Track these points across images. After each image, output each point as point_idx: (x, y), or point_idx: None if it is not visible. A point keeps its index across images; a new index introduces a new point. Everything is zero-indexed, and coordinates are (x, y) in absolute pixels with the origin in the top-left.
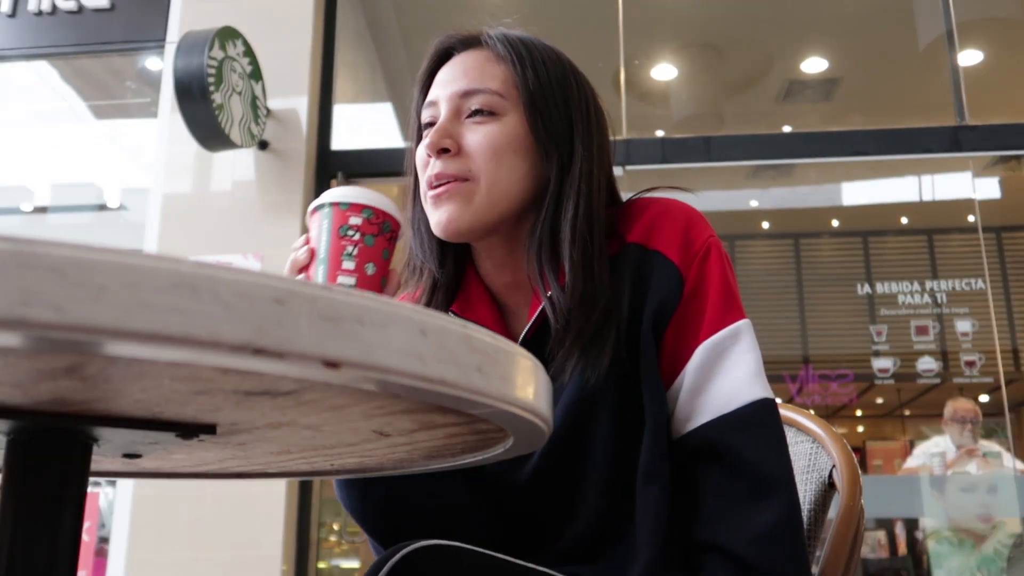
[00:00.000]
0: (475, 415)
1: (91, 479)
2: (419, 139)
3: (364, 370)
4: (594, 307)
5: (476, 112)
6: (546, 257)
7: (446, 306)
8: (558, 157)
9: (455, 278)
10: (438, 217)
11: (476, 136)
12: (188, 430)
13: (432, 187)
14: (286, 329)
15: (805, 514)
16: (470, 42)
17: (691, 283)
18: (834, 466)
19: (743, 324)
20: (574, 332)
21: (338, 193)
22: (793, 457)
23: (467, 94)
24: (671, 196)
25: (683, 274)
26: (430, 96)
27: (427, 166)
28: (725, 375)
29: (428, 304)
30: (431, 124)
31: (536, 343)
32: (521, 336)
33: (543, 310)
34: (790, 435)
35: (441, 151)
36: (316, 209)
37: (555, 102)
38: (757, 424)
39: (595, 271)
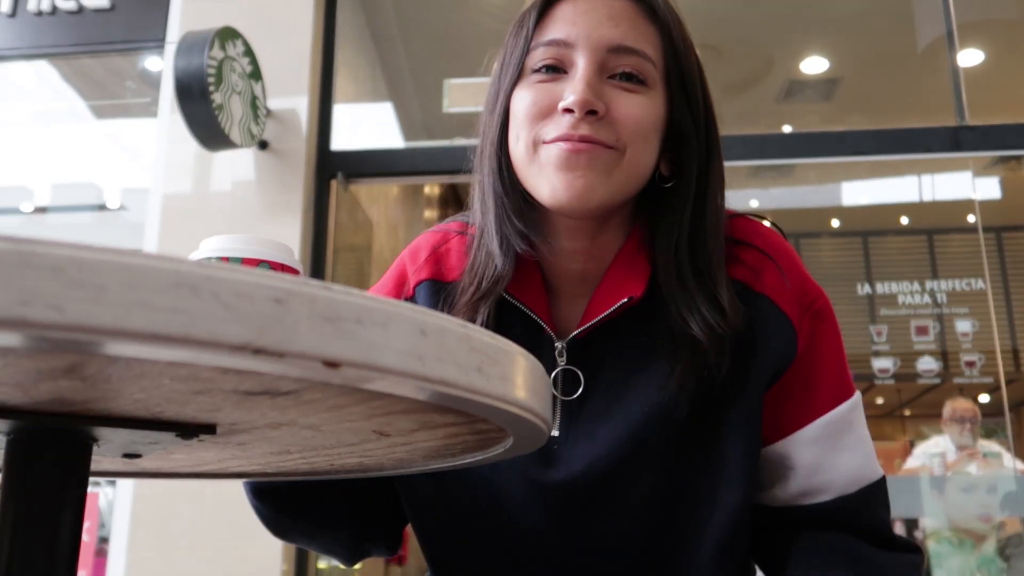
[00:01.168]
0: (475, 415)
1: (91, 479)
2: (517, 78)
3: (364, 370)
4: (719, 334)
5: (626, 76)
6: (683, 257)
7: (503, 285)
8: (697, 151)
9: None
10: (571, 181)
11: (628, 106)
12: (188, 430)
13: (570, 146)
14: (286, 329)
15: None
16: None
17: (804, 342)
18: None
19: (857, 398)
20: (689, 354)
21: (225, 245)
22: None
23: (619, 50)
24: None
25: (796, 330)
26: (557, 32)
27: (549, 119)
28: (852, 451)
29: (482, 285)
30: (553, 68)
31: (585, 345)
32: (588, 324)
33: (632, 300)
34: None
35: (589, 112)
36: None
37: (696, 89)
38: (883, 499)
39: (721, 281)
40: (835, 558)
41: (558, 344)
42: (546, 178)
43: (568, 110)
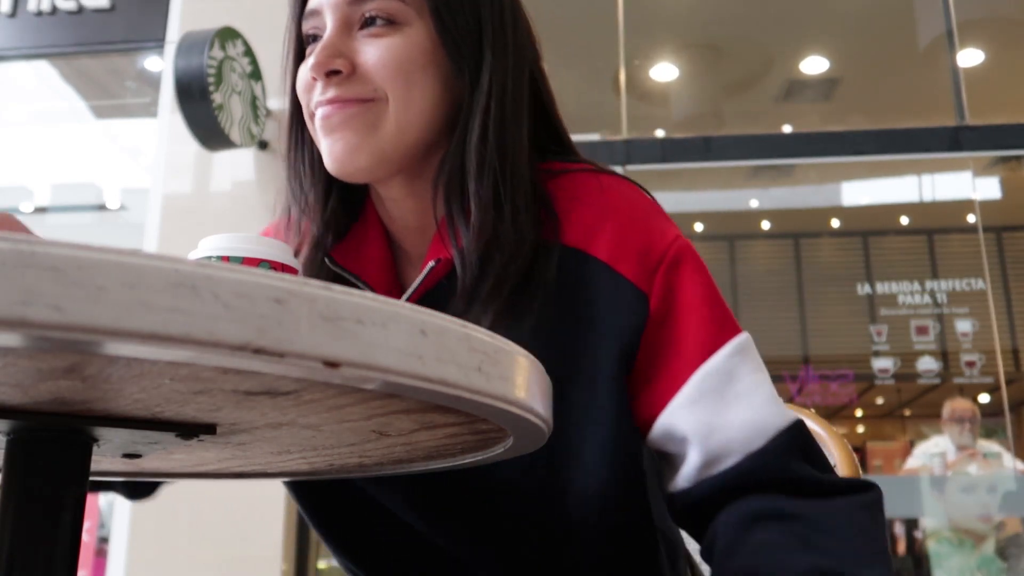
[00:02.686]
0: (475, 415)
1: (91, 479)
2: (298, 58)
3: (364, 370)
4: (510, 255)
5: (371, 21)
6: (453, 195)
7: (325, 252)
8: (468, 72)
9: (344, 220)
10: (332, 148)
11: (375, 51)
12: (188, 430)
13: (324, 111)
14: (286, 329)
15: None
16: None
17: (657, 304)
18: (834, 465)
19: (742, 339)
20: (487, 287)
21: (225, 244)
22: None
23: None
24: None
25: (644, 292)
26: (310, 4)
27: (311, 91)
28: (744, 402)
29: (301, 251)
30: (315, 38)
31: (434, 301)
32: (408, 292)
33: (440, 262)
34: None
35: (331, 73)
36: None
37: (463, 3)
38: (803, 445)
39: (508, 211)
40: (758, 524)
41: None
42: (323, 149)
43: (315, 78)
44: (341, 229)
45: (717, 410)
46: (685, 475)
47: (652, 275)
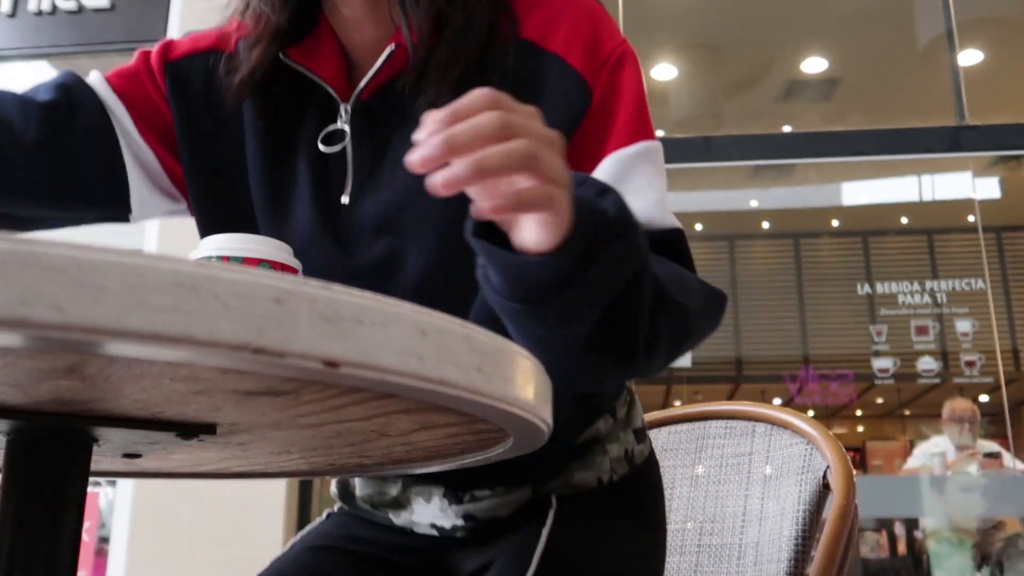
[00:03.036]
0: (475, 415)
1: (91, 479)
2: None
3: (364, 370)
4: (459, 34)
5: None
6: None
7: (278, 50)
8: None
9: (298, 25)
10: None
11: None
12: (188, 430)
13: None
14: (286, 329)
15: (800, 515)
16: None
17: (599, 95)
18: (828, 467)
19: (655, 145)
20: (437, 60)
21: (225, 244)
22: (787, 459)
23: None
24: None
25: (589, 84)
26: None
27: None
28: (635, 196)
29: (256, 47)
30: None
31: (387, 93)
32: (364, 81)
33: (398, 47)
34: (784, 438)
35: None
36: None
37: None
38: (681, 250)
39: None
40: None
41: (343, 106)
42: None
43: None
44: (296, 32)
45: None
46: None
47: (598, 71)
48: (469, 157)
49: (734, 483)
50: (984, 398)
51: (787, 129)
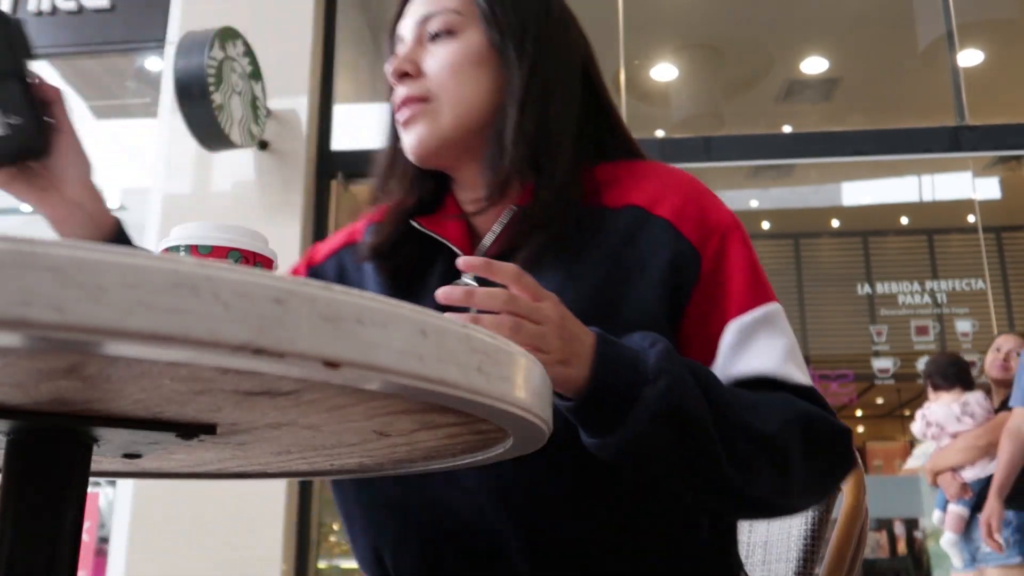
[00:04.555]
0: (475, 415)
1: (91, 479)
2: None
3: (364, 370)
4: (564, 203)
5: (437, 35)
6: (497, 157)
7: (409, 215)
8: (515, 65)
9: (431, 202)
10: (408, 141)
11: (434, 57)
12: (188, 430)
13: (398, 112)
14: (286, 329)
15: (809, 514)
16: None
17: (709, 262)
18: None
19: (775, 308)
20: (547, 228)
21: (195, 233)
22: None
23: (426, 19)
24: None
25: (699, 251)
26: (397, 32)
27: (393, 95)
28: (759, 355)
29: (389, 221)
30: None
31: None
32: (487, 240)
33: (517, 210)
34: None
35: (402, 76)
36: (167, 251)
37: (509, 6)
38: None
39: (556, 173)
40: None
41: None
42: (404, 141)
43: (393, 82)
44: (425, 203)
45: (733, 358)
46: None
47: (707, 240)
48: (471, 315)
49: None
50: None
51: (787, 129)
